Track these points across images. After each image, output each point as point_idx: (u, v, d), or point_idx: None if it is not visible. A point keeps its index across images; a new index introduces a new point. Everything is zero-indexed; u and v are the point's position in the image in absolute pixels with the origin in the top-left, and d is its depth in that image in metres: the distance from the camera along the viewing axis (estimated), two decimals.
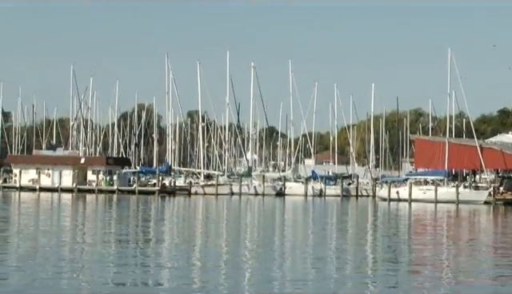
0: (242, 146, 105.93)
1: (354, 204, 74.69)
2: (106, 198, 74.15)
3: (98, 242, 30.70)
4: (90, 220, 45.31)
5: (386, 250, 29.90)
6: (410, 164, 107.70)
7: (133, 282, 20.17)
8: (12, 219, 45.56)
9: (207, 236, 36.23)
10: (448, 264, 26.07)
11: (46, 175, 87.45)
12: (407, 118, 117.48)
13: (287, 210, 62.09)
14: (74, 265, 22.99)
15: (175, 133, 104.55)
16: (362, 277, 21.99)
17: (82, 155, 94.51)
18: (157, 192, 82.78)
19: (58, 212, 53.49)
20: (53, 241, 30.57)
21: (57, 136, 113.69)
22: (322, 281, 20.94)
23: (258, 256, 26.75)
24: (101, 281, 20.00)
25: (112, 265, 23.15)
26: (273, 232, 39.03)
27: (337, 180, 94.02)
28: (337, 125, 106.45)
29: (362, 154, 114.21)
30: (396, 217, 55.37)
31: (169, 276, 21.40)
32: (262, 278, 21.04)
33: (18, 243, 29.87)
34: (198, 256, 26.60)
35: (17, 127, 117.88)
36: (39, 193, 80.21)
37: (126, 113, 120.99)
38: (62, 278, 20.48)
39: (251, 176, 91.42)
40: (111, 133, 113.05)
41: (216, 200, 74.98)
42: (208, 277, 21.26)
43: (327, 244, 32.51)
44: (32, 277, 20.19)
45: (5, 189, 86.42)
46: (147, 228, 40.12)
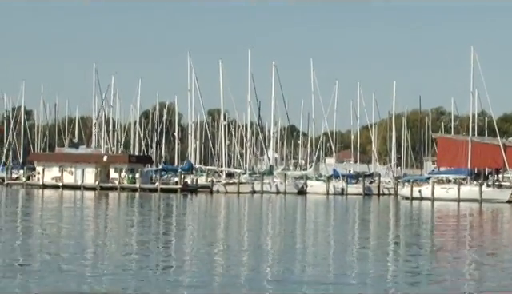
0: (263, 144, 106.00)
1: (376, 203, 74.57)
2: (128, 196, 74.44)
3: (123, 239, 30.91)
4: (114, 218, 45.57)
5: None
6: (431, 162, 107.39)
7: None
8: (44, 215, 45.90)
9: (230, 233, 36.36)
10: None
11: (69, 173, 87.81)
12: (429, 117, 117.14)
13: (310, 208, 62.17)
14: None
15: (196, 131, 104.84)
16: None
17: (104, 153, 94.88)
18: (179, 190, 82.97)
19: (81, 209, 53.79)
20: (74, 241, 30.76)
21: (79, 134, 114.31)
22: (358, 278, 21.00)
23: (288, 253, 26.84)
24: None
25: (133, 267, 23.31)
26: (301, 228, 39.15)
27: (358, 178, 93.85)
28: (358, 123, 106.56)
29: (383, 153, 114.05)
30: (421, 216, 55.29)
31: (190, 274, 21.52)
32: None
33: (41, 240, 30.11)
34: (220, 255, 26.71)
35: (39, 125, 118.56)
36: (62, 191, 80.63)
37: (148, 111, 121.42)
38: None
39: (273, 175, 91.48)
40: (133, 131, 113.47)
41: (238, 198, 75.10)
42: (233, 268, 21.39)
43: (356, 242, 32.55)
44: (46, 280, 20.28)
45: (28, 187, 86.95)
46: (172, 225, 40.33)
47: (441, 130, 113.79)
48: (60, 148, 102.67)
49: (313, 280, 20.34)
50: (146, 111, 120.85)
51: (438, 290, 19.82)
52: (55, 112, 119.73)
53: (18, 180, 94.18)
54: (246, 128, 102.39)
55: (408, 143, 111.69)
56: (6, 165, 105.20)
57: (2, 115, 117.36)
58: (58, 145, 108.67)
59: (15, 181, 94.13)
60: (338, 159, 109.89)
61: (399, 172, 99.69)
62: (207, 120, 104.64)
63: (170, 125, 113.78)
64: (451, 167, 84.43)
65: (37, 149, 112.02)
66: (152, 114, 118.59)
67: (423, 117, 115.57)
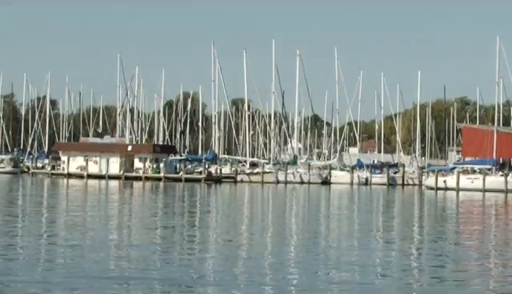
0: (287, 134, 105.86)
1: (401, 193, 74.29)
2: (152, 185, 74.61)
3: (147, 228, 30.95)
4: (141, 207, 45.66)
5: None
6: (456, 152, 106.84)
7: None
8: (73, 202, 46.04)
9: (254, 222, 36.31)
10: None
11: (94, 162, 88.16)
12: (454, 107, 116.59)
13: (335, 198, 61.98)
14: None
15: (220, 121, 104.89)
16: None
17: (129, 143, 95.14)
18: (203, 180, 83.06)
19: (106, 199, 53.93)
20: (100, 226, 30.85)
21: (103, 123, 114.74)
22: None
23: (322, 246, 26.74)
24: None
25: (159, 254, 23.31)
26: (332, 217, 39.06)
27: (382, 168, 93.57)
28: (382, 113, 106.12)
29: (407, 143, 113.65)
30: (448, 206, 55.00)
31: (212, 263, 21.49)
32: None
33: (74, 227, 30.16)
34: (243, 248, 26.63)
35: (64, 115, 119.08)
36: (87, 180, 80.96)
37: (172, 101, 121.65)
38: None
39: (297, 165, 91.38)
40: (157, 121, 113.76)
41: (262, 188, 75.08)
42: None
43: (382, 230, 32.40)
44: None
45: (53, 176, 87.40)
46: (198, 214, 40.34)
47: (465, 120, 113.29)
48: (85, 137, 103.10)
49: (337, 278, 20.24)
50: (170, 101, 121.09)
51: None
52: (80, 101, 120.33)
53: (43, 170, 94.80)
54: (270, 117, 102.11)
55: (432, 133, 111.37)
56: (31, 155, 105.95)
57: (28, 104, 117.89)
58: (83, 135, 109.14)
59: (40, 171, 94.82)
60: (361, 149, 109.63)
61: (423, 163, 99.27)
62: (231, 110, 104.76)
63: (194, 114, 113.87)
64: (476, 157, 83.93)
65: (61, 139, 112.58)
66: (176, 104, 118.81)
67: (448, 107, 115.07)
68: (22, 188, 65.51)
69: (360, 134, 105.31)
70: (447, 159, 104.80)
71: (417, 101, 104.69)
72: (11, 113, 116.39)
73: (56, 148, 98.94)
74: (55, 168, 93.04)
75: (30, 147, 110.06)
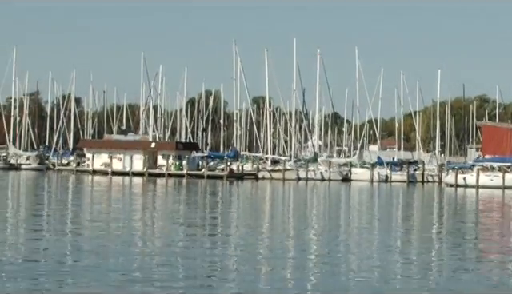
0: (308, 132, 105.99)
1: (421, 190, 74.36)
2: (175, 182, 74.95)
3: (175, 224, 31.29)
4: (166, 203, 46.02)
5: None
6: (475, 150, 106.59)
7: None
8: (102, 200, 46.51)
9: (276, 218, 36.58)
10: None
11: (118, 159, 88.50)
12: (473, 105, 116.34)
13: (355, 195, 62.16)
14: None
15: (241, 118, 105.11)
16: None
17: (152, 140, 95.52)
18: (225, 177, 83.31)
19: (130, 194, 54.34)
20: (124, 224, 31.21)
21: (127, 121, 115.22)
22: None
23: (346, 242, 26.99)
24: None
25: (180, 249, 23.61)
26: (352, 213, 39.28)
27: (402, 166, 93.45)
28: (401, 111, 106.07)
29: (427, 140, 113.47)
30: (469, 203, 55.08)
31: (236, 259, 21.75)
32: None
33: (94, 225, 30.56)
34: (265, 240, 26.90)
35: (88, 112, 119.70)
36: (111, 177, 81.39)
37: (194, 98, 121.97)
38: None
39: (317, 162, 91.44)
40: (179, 119, 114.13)
41: (283, 185, 75.29)
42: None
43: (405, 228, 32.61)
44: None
45: (78, 173, 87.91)
46: (222, 209, 40.66)
47: (484, 118, 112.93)
48: (109, 134, 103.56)
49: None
50: (192, 99, 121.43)
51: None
52: (104, 99, 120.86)
53: (68, 166, 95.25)
54: (291, 115, 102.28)
55: (452, 131, 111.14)
56: (56, 152, 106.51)
57: (53, 102, 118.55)
58: (107, 132, 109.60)
59: (65, 167, 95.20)
60: (381, 146, 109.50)
61: (443, 160, 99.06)
62: (252, 107, 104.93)
63: (216, 112, 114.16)
64: (496, 155, 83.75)
65: (86, 136, 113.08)
66: (198, 102, 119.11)
67: (467, 105, 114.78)
68: (47, 184, 66.00)
69: (380, 132, 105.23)
70: (466, 156, 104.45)
71: (436, 99, 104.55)
72: (37, 111, 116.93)
73: (81, 145, 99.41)
74: (80, 164, 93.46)
75: (56, 144, 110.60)
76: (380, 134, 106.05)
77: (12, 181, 67.30)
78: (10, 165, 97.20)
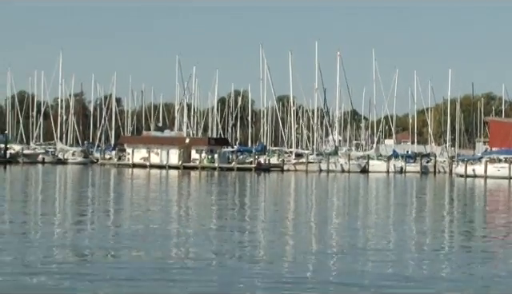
0: (328, 127, 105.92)
1: (433, 180, 74.06)
2: (208, 174, 75.12)
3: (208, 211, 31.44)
4: (198, 194, 46.20)
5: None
6: (483, 143, 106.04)
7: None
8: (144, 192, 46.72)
9: (302, 205, 36.66)
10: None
11: (155, 153, 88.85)
12: (481, 102, 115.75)
13: (373, 185, 62.05)
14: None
15: (267, 115, 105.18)
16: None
17: (186, 136, 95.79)
18: (253, 169, 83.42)
19: (167, 185, 54.53)
20: (161, 214, 31.40)
21: (163, 119, 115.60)
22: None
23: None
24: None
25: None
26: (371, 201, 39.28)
27: (416, 158, 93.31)
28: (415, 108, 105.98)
29: (438, 134, 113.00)
30: (479, 192, 54.86)
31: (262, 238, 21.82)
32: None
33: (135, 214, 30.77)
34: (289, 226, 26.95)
35: (128, 111, 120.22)
36: (149, 170, 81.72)
37: (224, 98, 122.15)
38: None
39: (338, 155, 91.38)
40: (211, 116, 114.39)
41: (306, 177, 75.27)
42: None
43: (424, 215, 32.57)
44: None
45: (119, 166, 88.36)
46: (252, 198, 40.78)
47: (491, 114, 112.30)
48: (147, 131, 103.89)
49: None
50: (223, 98, 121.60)
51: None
52: (142, 99, 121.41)
53: (110, 161, 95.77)
54: (313, 112, 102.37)
55: (461, 125, 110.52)
56: (99, 147, 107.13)
57: (96, 102, 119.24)
58: (145, 129, 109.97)
59: (108, 161, 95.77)
60: (396, 140, 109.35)
61: (453, 153, 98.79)
62: (277, 105, 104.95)
63: (244, 110, 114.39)
64: (502, 147, 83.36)
65: (126, 133, 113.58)
66: (228, 101, 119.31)
67: (475, 102, 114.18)
68: (91, 176, 66.39)
69: (395, 127, 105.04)
70: (475, 149, 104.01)
71: (447, 97, 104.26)
72: (81, 110, 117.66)
73: (121, 141, 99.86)
74: (121, 159, 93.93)
75: (98, 140, 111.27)
76: (395, 129, 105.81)
77: (60, 174, 67.80)
78: (57, 160, 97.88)
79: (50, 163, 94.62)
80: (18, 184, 51.06)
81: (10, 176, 61.66)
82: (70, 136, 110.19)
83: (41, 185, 49.83)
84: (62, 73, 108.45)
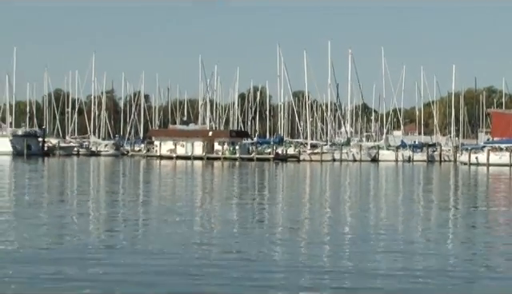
0: (341, 120, 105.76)
1: (439, 168, 73.88)
2: (230, 164, 75.23)
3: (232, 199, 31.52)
4: (227, 181, 46.34)
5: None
6: (485, 133, 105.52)
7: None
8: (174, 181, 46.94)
9: (317, 191, 36.70)
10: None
11: (181, 145, 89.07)
12: (483, 95, 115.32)
13: (382, 173, 61.98)
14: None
15: (284, 109, 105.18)
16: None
17: (209, 129, 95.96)
18: (272, 159, 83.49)
19: (192, 175, 54.74)
20: (186, 201, 31.55)
21: (187, 113, 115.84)
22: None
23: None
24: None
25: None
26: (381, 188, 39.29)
27: (422, 148, 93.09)
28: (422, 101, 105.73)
29: (443, 126, 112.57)
30: (480, 178, 54.70)
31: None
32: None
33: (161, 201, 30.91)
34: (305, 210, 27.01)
35: (155, 106, 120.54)
36: (176, 161, 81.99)
37: (244, 93, 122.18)
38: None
39: (350, 145, 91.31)
40: (232, 111, 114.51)
41: (321, 166, 75.31)
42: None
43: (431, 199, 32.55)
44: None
45: (148, 157, 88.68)
46: (273, 185, 40.88)
47: (493, 106, 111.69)
48: (173, 125, 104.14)
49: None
50: (242, 93, 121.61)
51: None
52: (168, 95, 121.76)
53: (139, 152, 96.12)
54: (326, 106, 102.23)
55: (465, 117, 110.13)
56: (129, 140, 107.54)
57: (125, 98, 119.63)
58: (171, 123, 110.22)
59: (137, 153, 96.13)
60: (404, 132, 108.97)
61: (457, 142, 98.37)
62: (293, 100, 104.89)
63: (262, 104, 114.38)
64: (503, 137, 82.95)
65: (153, 126, 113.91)
66: (247, 96, 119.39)
67: (478, 95, 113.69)
68: (122, 167, 66.71)
69: (403, 119, 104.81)
70: (478, 139, 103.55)
71: (451, 90, 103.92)
72: (112, 106, 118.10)
73: (150, 134, 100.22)
74: (149, 150, 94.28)
75: (128, 134, 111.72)
76: (403, 121, 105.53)
77: (93, 165, 68.19)
78: (91, 152, 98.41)
79: (84, 155, 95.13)
80: (73, 173, 51.54)
81: (59, 167, 61.90)
82: (103, 130, 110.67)
83: (86, 175, 50.10)
84: (94, 72, 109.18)
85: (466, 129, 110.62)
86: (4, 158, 79.23)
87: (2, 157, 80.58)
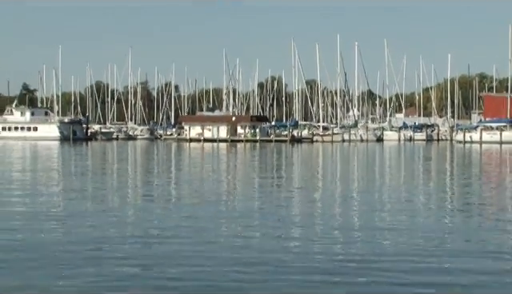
0: (349, 105, 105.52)
1: (437, 146, 73.66)
2: (251, 146, 75.36)
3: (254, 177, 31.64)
4: (251, 160, 46.52)
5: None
6: (477, 115, 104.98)
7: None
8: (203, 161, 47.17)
9: (331, 167, 36.80)
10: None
11: (208, 130, 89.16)
12: (476, 80, 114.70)
13: (387, 151, 61.94)
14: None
15: (298, 96, 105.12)
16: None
17: (232, 115, 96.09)
18: (288, 141, 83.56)
19: (217, 156, 54.97)
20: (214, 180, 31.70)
21: (213, 101, 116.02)
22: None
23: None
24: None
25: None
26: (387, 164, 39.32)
27: (422, 128, 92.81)
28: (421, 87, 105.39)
29: (440, 108, 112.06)
30: (474, 154, 54.56)
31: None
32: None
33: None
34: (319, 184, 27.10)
35: (184, 95, 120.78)
36: (203, 143, 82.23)
37: (262, 82, 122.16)
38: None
39: (357, 127, 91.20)
40: (252, 98, 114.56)
41: (332, 146, 75.32)
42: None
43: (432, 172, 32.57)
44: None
45: (178, 141, 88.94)
46: (292, 161, 40.99)
47: (484, 90, 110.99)
48: (200, 112, 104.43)
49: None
50: (261, 82, 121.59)
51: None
52: (195, 85, 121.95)
53: (171, 136, 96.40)
54: (336, 93, 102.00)
55: (459, 100, 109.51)
56: (161, 125, 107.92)
57: (158, 88, 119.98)
58: (199, 110, 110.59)
59: (169, 137, 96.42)
60: (405, 114, 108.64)
61: (453, 123, 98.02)
62: (307, 88, 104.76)
63: (279, 92, 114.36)
64: (494, 117, 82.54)
65: (183, 113, 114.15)
66: (266, 85, 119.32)
67: (471, 81, 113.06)
68: (157, 149, 66.96)
69: (404, 103, 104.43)
70: (471, 120, 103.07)
71: (447, 77, 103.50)
72: (147, 96, 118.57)
73: (180, 120, 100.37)
74: (180, 134, 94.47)
75: (161, 120, 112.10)
76: (404, 105, 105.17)
77: (131, 148, 68.60)
78: (128, 136, 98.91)
79: (122, 139, 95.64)
80: (136, 156, 51.84)
81: (107, 150, 62.33)
82: (138, 116, 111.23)
83: (129, 156, 50.49)
84: (130, 65, 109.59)
85: (460, 111, 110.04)
86: (53, 143, 80.00)
87: (52, 142, 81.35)
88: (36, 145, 70.28)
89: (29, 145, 70.11)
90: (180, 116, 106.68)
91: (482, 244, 12.24)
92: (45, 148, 64.41)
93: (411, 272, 9.99)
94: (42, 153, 53.44)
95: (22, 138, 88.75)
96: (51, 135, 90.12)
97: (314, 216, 16.13)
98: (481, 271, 10.09)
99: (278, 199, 19.98)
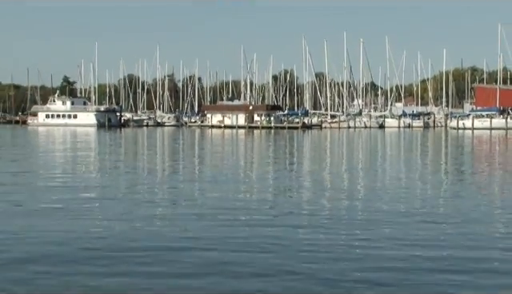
0: (354, 95, 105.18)
1: (433, 133, 73.33)
2: (266, 132, 75.37)
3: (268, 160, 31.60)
4: (267, 145, 46.50)
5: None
6: (469, 104, 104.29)
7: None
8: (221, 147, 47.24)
9: (338, 150, 36.78)
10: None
11: (228, 117, 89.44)
12: (468, 73, 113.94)
13: (388, 137, 61.77)
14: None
15: (309, 87, 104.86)
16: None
17: (249, 104, 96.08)
18: (299, 128, 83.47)
19: (237, 141, 55.01)
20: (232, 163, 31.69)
21: (232, 92, 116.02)
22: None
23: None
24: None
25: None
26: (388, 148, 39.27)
27: (419, 116, 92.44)
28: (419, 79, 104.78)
29: (435, 98, 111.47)
30: (467, 139, 54.32)
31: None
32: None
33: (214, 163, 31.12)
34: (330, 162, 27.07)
35: (207, 87, 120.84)
36: (224, 130, 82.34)
37: (276, 75, 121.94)
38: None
39: (361, 115, 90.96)
40: (267, 89, 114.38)
41: (339, 132, 75.18)
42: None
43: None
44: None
45: (201, 127, 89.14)
46: (299, 149, 40.96)
47: (476, 82, 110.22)
48: (221, 101, 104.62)
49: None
50: (275, 75, 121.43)
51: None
52: (216, 77, 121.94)
53: (194, 123, 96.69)
54: (343, 84, 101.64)
55: (453, 91, 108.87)
56: (186, 113, 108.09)
57: (183, 80, 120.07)
58: (219, 99, 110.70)
59: (193, 124, 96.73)
60: (404, 103, 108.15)
61: (448, 111, 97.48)
62: (316, 80, 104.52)
63: (291, 84, 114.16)
64: (485, 106, 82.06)
65: (205, 102, 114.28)
66: (279, 77, 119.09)
67: (463, 73, 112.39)
68: (183, 135, 67.05)
69: (403, 93, 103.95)
70: (464, 108, 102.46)
71: (442, 70, 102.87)
72: (173, 87, 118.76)
73: (203, 108, 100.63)
74: (203, 122, 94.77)
75: (186, 108, 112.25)
76: (403, 95, 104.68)
77: (160, 134, 68.83)
78: (157, 123, 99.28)
79: (151, 126, 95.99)
80: (164, 141, 51.99)
81: (140, 136, 62.41)
82: (165, 106, 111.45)
83: (164, 140, 50.62)
84: (158, 60, 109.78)
85: (454, 101, 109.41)
86: (90, 129, 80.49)
87: (89, 128, 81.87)
88: (75, 131, 70.68)
89: (69, 131, 70.53)
90: (203, 105, 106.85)
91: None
92: (85, 134, 64.68)
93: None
94: (91, 138, 53.46)
95: (63, 125, 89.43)
96: (89, 122, 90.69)
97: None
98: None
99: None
